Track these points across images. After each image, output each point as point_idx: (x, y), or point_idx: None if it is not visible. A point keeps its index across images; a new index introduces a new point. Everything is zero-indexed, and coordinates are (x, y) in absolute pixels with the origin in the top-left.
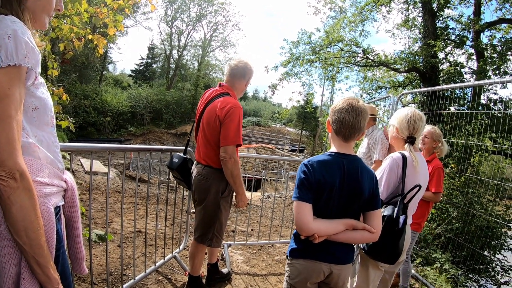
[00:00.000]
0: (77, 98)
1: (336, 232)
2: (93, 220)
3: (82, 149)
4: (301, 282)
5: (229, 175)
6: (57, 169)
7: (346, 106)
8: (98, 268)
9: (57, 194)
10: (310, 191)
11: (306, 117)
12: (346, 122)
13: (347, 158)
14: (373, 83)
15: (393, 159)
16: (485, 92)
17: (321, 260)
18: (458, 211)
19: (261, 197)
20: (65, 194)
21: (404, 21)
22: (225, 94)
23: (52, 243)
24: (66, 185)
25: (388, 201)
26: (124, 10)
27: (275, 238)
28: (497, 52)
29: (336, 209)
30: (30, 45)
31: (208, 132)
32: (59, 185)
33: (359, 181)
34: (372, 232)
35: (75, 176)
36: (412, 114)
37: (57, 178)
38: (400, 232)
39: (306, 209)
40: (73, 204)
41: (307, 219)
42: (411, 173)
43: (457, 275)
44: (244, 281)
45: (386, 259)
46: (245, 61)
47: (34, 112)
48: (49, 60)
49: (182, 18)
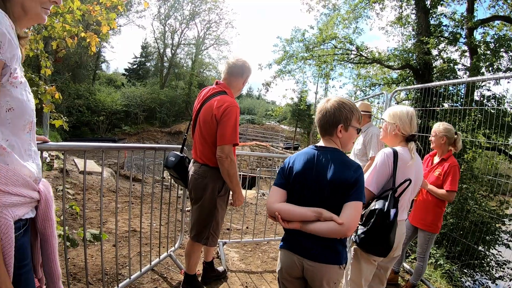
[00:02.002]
0: (71, 97)
1: (302, 218)
2: (87, 220)
3: (75, 148)
4: (283, 274)
5: (226, 174)
6: (29, 177)
7: (319, 106)
8: (94, 268)
9: (24, 205)
10: (283, 178)
11: (300, 115)
12: (316, 122)
13: (323, 150)
14: (367, 80)
15: (384, 154)
16: (479, 88)
17: (292, 250)
18: (452, 206)
19: (255, 195)
20: (37, 206)
21: (397, 18)
22: (222, 92)
23: (9, 261)
24: (39, 195)
25: (379, 196)
26: (117, 8)
27: (270, 236)
28: (490, 49)
29: (307, 198)
30: (7, 36)
31: (205, 131)
32: (27, 195)
33: (326, 172)
34: (338, 222)
35: (69, 176)
36: (412, 112)
37: (26, 188)
38: (391, 225)
39: (275, 191)
40: (47, 218)
41: (273, 199)
42: (402, 168)
43: (452, 270)
44: (240, 279)
45: (377, 252)
46: (244, 59)
47: (9, 114)
48: (42, 59)
49: (175, 16)
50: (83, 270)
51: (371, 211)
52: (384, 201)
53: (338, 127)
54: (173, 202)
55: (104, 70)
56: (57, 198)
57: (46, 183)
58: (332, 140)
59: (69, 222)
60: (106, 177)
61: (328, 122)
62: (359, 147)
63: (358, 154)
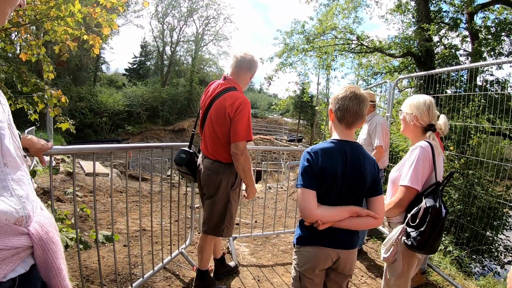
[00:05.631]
0: (73, 100)
1: (340, 218)
2: (97, 221)
3: (84, 151)
4: (309, 269)
5: (241, 169)
6: (4, 219)
7: (350, 94)
8: (106, 269)
9: (6, 260)
10: (313, 178)
11: (303, 107)
12: (351, 109)
13: (349, 145)
14: (369, 69)
15: (423, 149)
16: (481, 73)
17: (328, 246)
18: (459, 193)
19: (262, 188)
20: (33, 252)
21: (397, 6)
22: (232, 88)
23: None
24: (29, 240)
25: (424, 192)
26: (118, 9)
27: (279, 229)
28: (491, 33)
29: (339, 195)
30: None
31: (217, 128)
32: (12, 246)
33: (361, 168)
34: (376, 218)
35: (75, 179)
36: (429, 100)
37: (8, 235)
38: (444, 221)
39: (310, 196)
40: (49, 266)
41: (312, 205)
42: (437, 160)
43: (461, 256)
44: (252, 273)
45: (430, 250)
46: (252, 54)
47: None
48: (45, 64)
49: (173, 14)
50: (95, 272)
51: (425, 210)
52: (433, 197)
53: (362, 121)
54: (181, 200)
55: (105, 71)
56: (66, 201)
57: (43, 218)
58: (352, 133)
59: (79, 224)
60: (112, 177)
61: (362, 116)
62: (364, 137)
63: (363, 144)
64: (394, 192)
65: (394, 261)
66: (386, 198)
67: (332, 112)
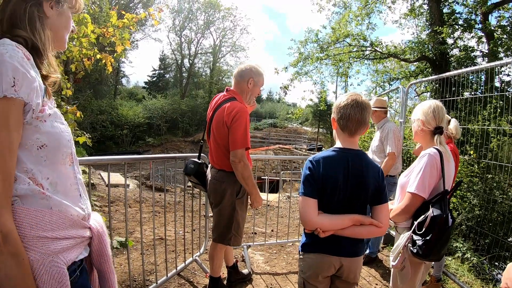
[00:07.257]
0: (93, 113)
1: (341, 227)
2: (116, 230)
3: (99, 162)
4: (312, 276)
5: (241, 177)
6: (76, 216)
7: (351, 102)
8: (122, 276)
9: (76, 246)
10: (314, 186)
11: (322, 115)
12: (353, 117)
13: (351, 153)
14: (385, 75)
15: (431, 156)
16: (498, 74)
17: (331, 253)
18: (478, 198)
19: (281, 198)
20: (90, 243)
21: (410, 10)
22: (232, 99)
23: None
24: (90, 232)
25: (431, 200)
26: (130, 27)
27: (295, 237)
28: (506, 32)
29: (341, 203)
30: (20, 70)
31: (218, 138)
32: (77, 236)
33: (363, 176)
34: (379, 226)
35: (96, 189)
36: (434, 104)
37: (75, 228)
38: (450, 229)
39: (310, 203)
40: (102, 254)
41: (311, 213)
42: (446, 167)
43: (480, 263)
44: (265, 281)
45: (436, 258)
46: (251, 64)
47: (42, 151)
48: (62, 81)
49: (190, 27)
50: None
51: (431, 219)
52: (440, 206)
53: (366, 128)
54: (197, 210)
55: (125, 84)
56: None
57: (97, 217)
58: (355, 141)
59: None
60: (132, 188)
61: (365, 123)
62: (376, 143)
63: (375, 151)
64: (402, 197)
65: (403, 268)
66: (394, 202)
67: (335, 120)
